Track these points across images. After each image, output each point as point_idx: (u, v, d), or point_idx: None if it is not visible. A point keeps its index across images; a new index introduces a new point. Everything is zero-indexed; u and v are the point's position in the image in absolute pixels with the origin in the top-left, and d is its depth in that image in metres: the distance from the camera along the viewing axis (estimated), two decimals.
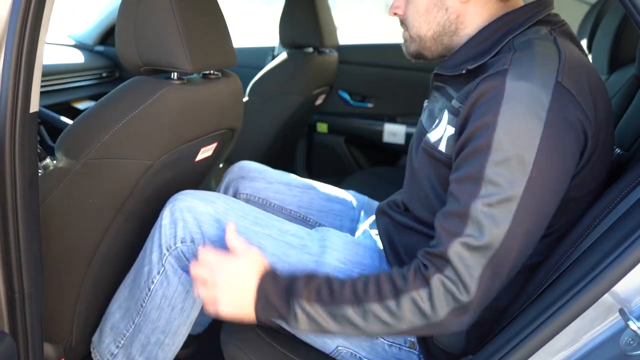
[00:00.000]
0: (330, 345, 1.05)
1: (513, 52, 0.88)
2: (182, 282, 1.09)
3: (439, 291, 0.83)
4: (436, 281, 0.83)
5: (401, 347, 1.02)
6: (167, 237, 1.07)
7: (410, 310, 0.84)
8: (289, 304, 0.89)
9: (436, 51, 1.03)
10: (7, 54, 0.89)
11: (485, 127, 0.82)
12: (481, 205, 0.81)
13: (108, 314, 1.20)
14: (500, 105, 0.82)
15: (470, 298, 0.82)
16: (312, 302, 0.88)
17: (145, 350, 1.14)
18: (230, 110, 1.28)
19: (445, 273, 0.83)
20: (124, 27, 1.06)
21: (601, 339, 0.76)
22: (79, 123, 1.08)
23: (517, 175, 0.80)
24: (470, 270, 0.82)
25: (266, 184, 1.33)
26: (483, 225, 0.81)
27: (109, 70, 2.55)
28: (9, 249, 0.96)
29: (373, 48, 2.70)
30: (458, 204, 0.84)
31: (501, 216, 0.81)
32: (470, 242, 0.81)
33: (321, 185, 1.38)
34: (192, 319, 1.15)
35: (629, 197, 0.83)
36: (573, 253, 0.85)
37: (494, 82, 0.84)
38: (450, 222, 0.84)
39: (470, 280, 0.82)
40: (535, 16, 0.93)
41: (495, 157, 0.81)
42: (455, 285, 0.82)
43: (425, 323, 0.85)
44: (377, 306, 0.86)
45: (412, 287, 0.84)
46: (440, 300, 0.83)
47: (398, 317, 0.85)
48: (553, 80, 0.83)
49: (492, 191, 0.81)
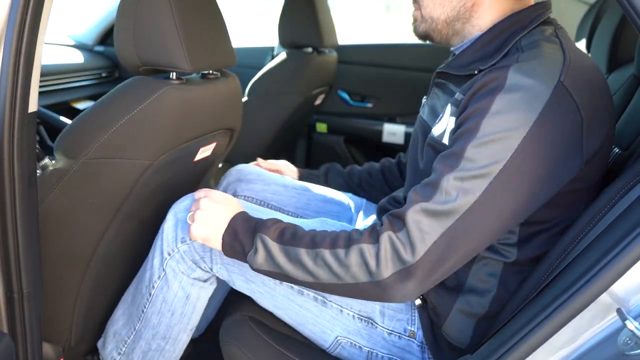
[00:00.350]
0: (330, 336, 1.05)
1: (521, 52, 0.89)
2: (183, 286, 1.09)
3: (386, 249, 0.85)
4: (386, 238, 0.85)
5: (401, 335, 1.02)
6: (168, 241, 1.08)
7: (356, 262, 0.86)
8: (253, 238, 0.94)
9: (446, 35, 1.03)
10: (5, 53, 0.89)
11: (478, 111, 0.84)
12: (453, 178, 0.83)
13: (112, 320, 1.21)
14: (497, 94, 0.83)
15: (415, 261, 0.83)
16: (274, 240, 0.93)
17: (147, 356, 1.15)
18: (229, 110, 1.28)
19: (398, 233, 0.85)
20: (122, 27, 1.06)
21: (599, 338, 0.76)
22: (78, 123, 1.08)
23: (496, 156, 0.82)
24: (424, 235, 0.83)
25: (264, 185, 1.34)
26: (449, 195, 0.83)
27: (109, 70, 2.55)
28: (7, 248, 0.96)
29: (372, 48, 2.70)
30: (435, 175, 0.86)
31: (469, 190, 0.82)
32: (431, 207, 0.83)
33: (317, 186, 1.39)
34: (192, 326, 1.15)
35: (627, 196, 0.83)
36: (571, 252, 0.86)
37: (497, 74, 0.85)
38: (422, 190, 0.86)
39: (421, 244, 0.83)
40: (541, 17, 0.95)
41: (480, 138, 0.83)
42: (403, 246, 0.84)
43: (369, 280, 0.86)
44: (328, 252, 0.89)
45: (363, 241, 0.87)
46: (385, 258, 0.84)
47: (344, 267, 0.87)
48: (556, 79, 0.84)
49: (467, 166, 0.83)
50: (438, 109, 1.02)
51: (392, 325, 1.02)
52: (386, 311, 1.03)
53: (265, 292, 1.07)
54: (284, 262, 0.92)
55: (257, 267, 0.95)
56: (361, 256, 0.86)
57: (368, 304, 1.03)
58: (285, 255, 0.92)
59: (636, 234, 0.72)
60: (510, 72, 0.85)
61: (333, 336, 1.05)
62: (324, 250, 0.89)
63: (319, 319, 1.05)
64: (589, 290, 0.73)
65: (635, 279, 0.73)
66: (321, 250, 0.89)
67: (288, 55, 2.22)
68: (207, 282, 1.12)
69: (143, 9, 1.04)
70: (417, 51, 2.58)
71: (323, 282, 0.90)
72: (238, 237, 0.97)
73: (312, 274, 0.90)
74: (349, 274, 0.87)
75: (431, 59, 2.56)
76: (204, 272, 1.09)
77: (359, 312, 1.03)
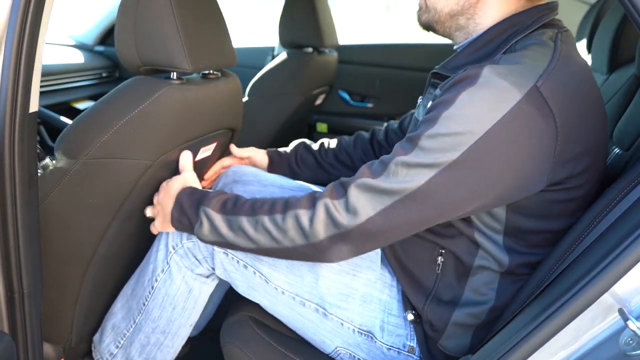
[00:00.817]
0: (329, 346, 1.05)
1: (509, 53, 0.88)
2: (186, 280, 1.10)
3: (321, 213, 0.87)
4: (322, 204, 0.88)
5: (400, 351, 1.02)
6: (174, 235, 1.09)
7: (292, 226, 0.89)
8: (199, 215, 0.98)
9: (449, 29, 1.01)
10: (6, 53, 0.89)
11: (443, 103, 0.84)
12: (402, 162, 0.84)
13: (110, 313, 1.20)
14: (465, 88, 0.83)
15: (350, 228, 0.85)
16: (216, 210, 0.97)
17: (145, 350, 1.14)
18: (229, 110, 1.28)
19: (335, 201, 0.87)
20: (123, 26, 1.06)
21: (600, 338, 0.76)
22: (78, 123, 1.08)
23: (448, 151, 0.82)
24: (362, 208, 0.85)
25: (260, 187, 1.33)
26: (395, 177, 0.84)
27: (109, 70, 2.55)
28: (8, 248, 0.96)
29: (373, 48, 2.70)
30: (389, 156, 0.87)
31: (414, 176, 0.83)
32: (374, 183, 0.85)
33: (315, 187, 1.38)
34: (192, 322, 1.15)
35: (628, 197, 0.82)
36: (572, 252, 0.85)
37: (472, 71, 0.84)
38: (374, 166, 0.88)
39: (358, 215, 0.85)
40: (542, 19, 0.93)
41: (436, 129, 0.83)
42: (338, 213, 0.86)
43: (306, 243, 0.89)
44: (267, 218, 0.92)
45: (300, 206, 0.90)
46: (320, 222, 0.87)
47: (282, 231, 0.90)
48: (531, 83, 0.82)
49: (418, 154, 0.83)
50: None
51: (392, 341, 1.02)
52: (386, 326, 1.03)
53: (268, 300, 1.07)
54: (226, 231, 0.95)
55: (204, 238, 0.99)
56: (296, 220, 0.89)
57: (369, 319, 1.03)
58: (227, 225, 0.95)
59: (638, 235, 0.72)
60: (485, 70, 0.83)
61: (333, 347, 1.05)
62: (263, 217, 0.92)
63: (320, 329, 1.05)
64: (591, 290, 0.73)
65: (636, 279, 0.73)
66: (260, 217, 0.92)
67: (288, 55, 2.22)
68: (209, 278, 1.12)
69: (143, 9, 1.04)
70: (417, 51, 2.58)
71: (264, 247, 0.93)
72: (184, 211, 1.01)
73: (254, 240, 0.93)
74: (287, 237, 0.90)
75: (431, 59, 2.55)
76: (206, 269, 1.10)
77: (360, 326, 1.03)
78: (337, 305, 1.03)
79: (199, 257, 1.08)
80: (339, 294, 1.03)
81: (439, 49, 2.57)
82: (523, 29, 0.92)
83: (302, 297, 1.04)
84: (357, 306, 1.02)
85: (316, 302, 1.04)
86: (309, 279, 1.04)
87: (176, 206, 1.03)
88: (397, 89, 2.56)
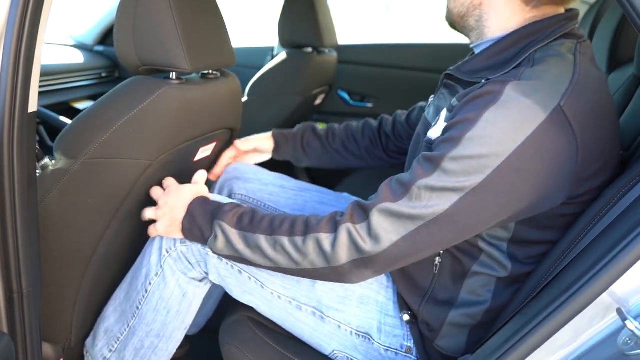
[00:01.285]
0: (327, 349, 1.05)
1: (530, 65, 0.86)
2: (180, 284, 1.09)
3: (343, 238, 0.86)
4: (344, 229, 0.86)
5: (397, 351, 1.02)
6: (168, 239, 1.08)
7: (313, 250, 0.88)
8: (212, 224, 0.97)
9: (463, 28, 1.02)
10: (5, 53, 0.89)
11: (466, 121, 0.83)
12: (425, 186, 0.83)
13: (102, 317, 1.19)
14: (489, 107, 0.81)
15: (373, 254, 0.85)
16: (232, 226, 0.95)
17: (139, 354, 1.14)
18: (229, 110, 1.28)
19: (357, 226, 0.86)
20: (122, 26, 1.06)
21: (599, 338, 0.76)
22: (78, 123, 1.08)
23: (472, 173, 0.81)
24: (385, 234, 0.84)
25: (261, 185, 1.34)
26: (419, 202, 0.83)
27: (109, 70, 2.55)
28: (7, 248, 0.96)
29: (372, 48, 2.70)
30: (409, 177, 0.86)
31: (438, 201, 0.82)
32: (396, 208, 0.84)
33: (314, 188, 1.39)
34: (187, 325, 1.15)
35: (627, 197, 0.82)
36: (571, 252, 0.85)
37: (494, 87, 0.83)
38: (393, 187, 0.86)
39: (381, 242, 0.84)
40: (562, 29, 0.91)
41: (459, 150, 0.82)
42: (362, 239, 0.85)
43: (327, 266, 0.88)
44: (286, 240, 0.90)
45: (321, 230, 0.88)
46: (342, 247, 0.86)
47: (302, 254, 0.89)
48: (555, 103, 0.81)
49: (442, 177, 0.82)
50: (441, 110, 1.01)
51: (389, 342, 1.02)
52: (383, 327, 1.03)
53: (263, 304, 1.07)
54: (242, 248, 0.94)
55: (218, 252, 0.98)
56: (318, 244, 0.88)
57: (366, 320, 1.03)
58: (244, 242, 0.94)
59: (637, 234, 0.72)
60: (508, 87, 0.82)
61: (330, 350, 1.05)
62: (282, 238, 0.91)
63: (317, 332, 1.05)
64: (589, 290, 0.73)
65: (635, 279, 0.73)
66: (280, 237, 0.91)
67: (288, 55, 2.22)
68: (203, 282, 1.12)
69: (143, 9, 1.04)
70: (417, 51, 2.58)
71: (282, 267, 0.93)
72: (196, 222, 1.00)
73: (272, 260, 0.92)
74: (307, 260, 0.89)
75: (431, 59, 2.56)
76: (199, 273, 1.09)
77: (357, 328, 1.03)
78: (334, 308, 1.03)
79: (192, 262, 1.07)
80: (336, 297, 1.03)
81: (439, 49, 2.57)
82: (542, 39, 0.90)
83: (299, 301, 1.04)
84: (354, 308, 1.02)
85: (313, 305, 1.03)
86: (306, 283, 1.03)
87: (187, 216, 1.01)
88: (396, 89, 2.55)
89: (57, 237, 1.12)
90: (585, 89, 0.84)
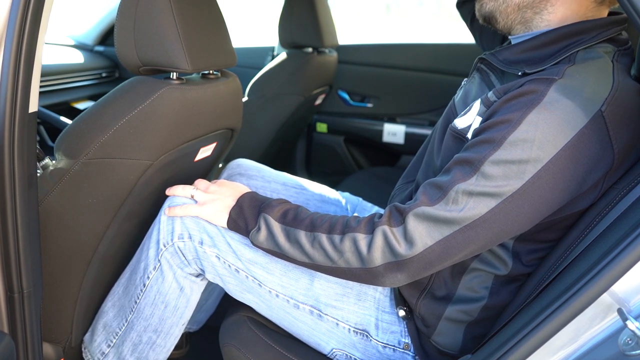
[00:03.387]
0: (325, 348, 1.05)
1: (571, 64, 0.85)
2: (177, 278, 1.09)
3: (379, 240, 0.86)
4: (380, 231, 0.86)
5: (395, 348, 1.02)
6: (164, 233, 1.08)
7: (349, 249, 0.89)
8: (258, 216, 0.99)
9: (512, 21, 0.96)
10: (6, 53, 0.89)
11: (507, 122, 0.81)
12: (463, 190, 0.82)
13: (101, 312, 1.20)
14: (531, 109, 0.80)
15: (407, 254, 0.84)
16: (276, 219, 0.97)
17: (137, 349, 1.14)
18: (229, 110, 1.28)
19: (394, 228, 0.86)
20: (123, 27, 1.06)
21: (600, 338, 0.76)
22: (78, 123, 1.08)
23: (511, 179, 0.80)
24: (421, 238, 0.83)
25: (264, 182, 1.34)
26: (455, 206, 0.82)
27: (109, 70, 2.55)
28: (8, 248, 0.96)
29: (373, 48, 2.70)
30: (446, 179, 0.85)
31: (475, 206, 0.82)
32: (433, 212, 0.83)
33: (316, 186, 1.39)
34: (184, 321, 1.15)
35: (627, 197, 0.83)
36: (572, 252, 0.85)
37: (537, 86, 0.82)
38: (430, 190, 0.86)
39: (416, 246, 0.84)
40: (606, 33, 0.89)
41: (501, 155, 0.80)
42: (397, 242, 0.85)
43: (361, 267, 0.88)
44: (325, 237, 0.91)
45: (359, 230, 0.89)
46: (377, 249, 0.86)
47: (338, 251, 0.90)
48: (597, 108, 0.80)
49: (481, 181, 0.81)
50: (470, 98, 0.99)
51: (387, 338, 1.02)
52: (380, 324, 1.03)
53: (261, 303, 1.07)
54: (283, 241, 0.95)
55: (258, 244, 0.98)
56: (354, 243, 0.88)
57: (364, 317, 1.03)
58: (285, 235, 0.95)
59: (637, 234, 0.72)
60: (552, 89, 0.81)
61: (329, 348, 1.05)
62: (321, 235, 0.92)
63: (315, 331, 1.05)
64: (590, 290, 0.73)
65: (636, 279, 0.73)
66: (318, 234, 0.92)
67: (288, 55, 2.22)
68: (199, 278, 1.12)
69: (143, 9, 1.04)
70: (417, 51, 2.58)
71: (318, 263, 0.93)
72: (243, 214, 1.01)
73: (308, 255, 0.93)
74: (343, 259, 0.90)
75: (431, 59, 2.56)
76: (195, 269, 1.10)
77: (355, 325, 1.03)
78: (332, 306, 1.03)
79: (189, 258, 1.08)
80: (334, 294, 1.03)
81: (439, 48, 2.57)
82: (586, 40, 0.88)
83: (296, 300, 1.04)
84: (352, 305, 1.03)
85: (311, 304, 1.04)
86: (304, 281, 1.04)
87: (236, 207, 1.03)
88: (396, 89, 2.55)
89: (57, 237, 1.12)
90: (624, 95, 0.84)
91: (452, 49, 2.56)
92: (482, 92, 0.96)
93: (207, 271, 1.08)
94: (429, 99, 2.48)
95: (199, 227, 1.06)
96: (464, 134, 0.92)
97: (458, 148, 0.93)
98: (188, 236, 1.06)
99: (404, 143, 2.54)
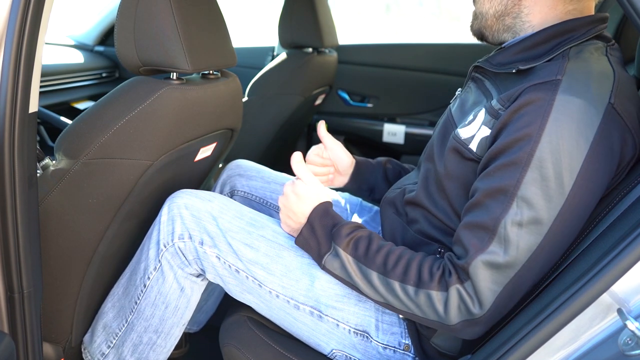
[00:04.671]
0: (325, 349, 1.05)
1: (567, 61, 0.85)
2: (177, 279, 1.09)
3: (454, 300, 0.85)
4: (454, 291, 0.85)
5: (396, 349, 1.02)
6: (164, 234, 1.08)
7: (425, 304, 0.88)
8: (331, 244, 0.97)
9: (497, 31, 0.99)
10: (6, 53, 0.89)
11: (527, 139, 0.80)
12: (511, 223, 0.80)
13: (101, 313, 1.20)
14: (547, 119, 0.79)
15: (483, 313, 0.84)
16: (348, 252, 0.95)
17: (137, 350, 1.14)
18: (229, 110, 1.28)
19: (464, 285, 0.85)
20: (123, 27, 1.06)
21: (600, 338, 0.76)
22: (78, 123, 1.08)
23: (554, 197, 0.79)
24: (490, 289, 0.83)
25: (263, 183, 1.34)
26: (509, 244, 0.81)
27: (109, 70, 2.55)
28: (8, 248, 0.96)
29: (373, 48, 2.70)
30: (486, 216, 0.83)
31: (529, 237, 0.81)
32: (493, 259, 0.82)
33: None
34: (185, 321, 1.15)
35: (627, 197, 0.83)
36: (572, 252, 0.85)
37: (544, 93, 0.81)
38: (476, 234, 0.84)
39: (486, 297, 0.83)
40: (595, 30, 0.91)
41: (533, 174, 0.79)
42: (471, 300, 0.84)
43: (437, 321, 0.88)
44: (398, 285, 0.90)
45: (433, 287, 0.87)
46: (453, 308, 0.85)
47: (414, 303, 0.89)
48: (606, 101, 0.80)
49: (524, 210, 0.80)
50: (467, 106, 1.00)
51: (387, 340, 1.02)
52: (381, 325, 1.03)
53: (262, 303, 1.07)
54: (357, 279, 0.94)
55: (331, 270, 0.97)
56: (429, 300, 0.87)
57: (364, 318, 1.03)
58: (359, 271, 0.94)
59: (637, 234, 0.72)
60: (560, 91, 0.80)
61: (329, 349, 1.05)
62: (394, 282, 0.90)
63: (315, 332, 1.05)
64: (590, 290, 0.73)
65: (635, 279, 0.73)
66: (392, 281, 0.90)
67: (288, 55, 2.22)
68: (199, 278, 1.12)
69: (143, 9, 1.04)
70: (417, 51, 2.58)
71: (393, 306, 0.92)
72: (315, 236, 0.99)
73: (383, 297, 0.92)
74: (419, 309, 0.89)
75: (431, 59, 2.56)
76: (196, 270, 1.10)
77: (355, 326, 1.03)
78: (333, 307, 1.03)
79: (189, 258, 1.07)
80: (334, 295, 1.03)
81: (439, 49, 2.57)
82: (577, 37, 0.89)
83: (297, 301, 1.04)
84: (352, 306, 1.03)
85: (311, 304, 1.03)
86: (304, 282, 1.03)
87: (307, 226, 1.00)
88: (396, 89, 2.56)
89: (57, 237, 1.12)
90: (625, 86, 0.85)
91: (452, 49, 2.56)
92: (479, 99, 0.97)
93: (208, 271, 1.08)
94: (429, 99, 2.48)
95: (199, 228, 1.06)
96: (466, 145, 0.92)
97: (457, 158, 0.94)
98: (188, 236, 1.06)
99: (404, 143, 2.54)
